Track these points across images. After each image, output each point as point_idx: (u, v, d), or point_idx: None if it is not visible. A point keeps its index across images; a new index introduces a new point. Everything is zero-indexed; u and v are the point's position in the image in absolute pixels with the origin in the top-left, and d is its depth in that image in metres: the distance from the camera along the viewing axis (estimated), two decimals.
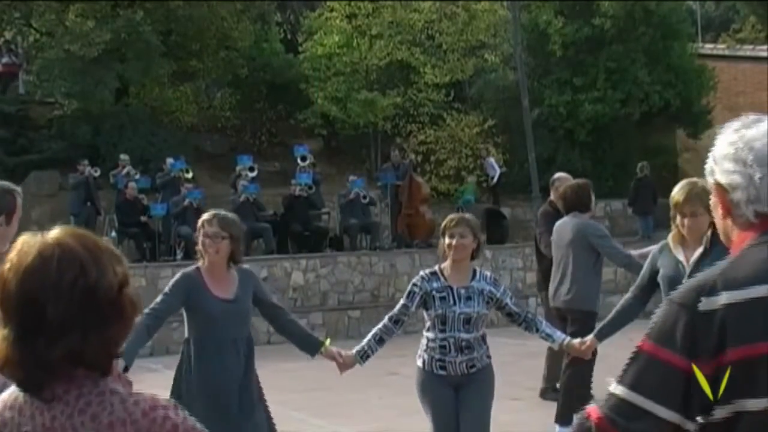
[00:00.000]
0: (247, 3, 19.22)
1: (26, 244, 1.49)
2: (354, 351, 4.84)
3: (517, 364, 9.76)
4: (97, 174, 15.35)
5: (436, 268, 4.85)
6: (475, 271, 4.83)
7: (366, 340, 4.88)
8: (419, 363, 4.84)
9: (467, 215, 5.04)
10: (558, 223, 7.23)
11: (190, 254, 14.28)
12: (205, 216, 4.68)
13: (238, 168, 15.90)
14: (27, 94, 19.12)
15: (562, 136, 19.70)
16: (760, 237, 1.65)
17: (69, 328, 1.44)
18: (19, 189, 4.13)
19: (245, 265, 4.91)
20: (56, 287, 1.44)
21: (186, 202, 14.39)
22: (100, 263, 1.49)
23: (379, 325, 4.89)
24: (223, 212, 4.73)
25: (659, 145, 20.70)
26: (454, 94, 19.86)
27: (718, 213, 1.74)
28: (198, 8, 18.04)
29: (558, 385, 7.66)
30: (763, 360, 1.54)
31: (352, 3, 19.16)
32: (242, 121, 20.22)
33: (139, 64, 17.23)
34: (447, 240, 4.75)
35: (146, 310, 4.62)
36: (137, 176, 15.44)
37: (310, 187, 15.70)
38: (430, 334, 4.77)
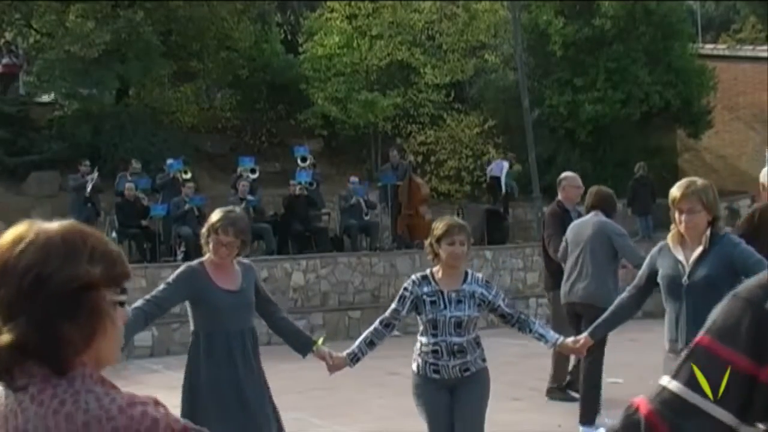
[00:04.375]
0: (247, 3, 19.23)
1: (18, 227, 1.49)
2: (344, 353, 4.84)
3: (519, 365, 9.76)
4: (96, 179, 15.16)
5: (428, 272, 4.79)
6: (467, 274, 4.78)
7: (357, 343, 4.86)
8: (414, 367, 4.82)
9: (462, 221, 4.99)
10: (578, 221, 7.20)
11: (190, 254, 14.28)
12: (217, 221, 4.61)
13: (239, 169, 15.91)
14: (27, 94, 19.12)
15: (562, 137, 19.71)
16: None
17: (15, 315, 1.40)
18: None
19: (245, 260, 4.96)
20: (10, 272, 1.42)
21: (186, 207, 14.41)
22: (70, 258, 1.43)
23: (370, 329, 4.87)
24: (233, 214, 4.70)
25: (659, 146, 20.70)
26: (455, 94, 19.87)
27: None
28: (198, 9, 18.05)
29: (565, 384, 7.70)
30: None
31: (353, 3, 19.16)
32: (242, 122, 20.23)
33: (140, 64, 17.23)
34: (448, 247, 4.66)
35: (146, 297, 4.68)
36: (142, 180, 15.44)
37: (311, 184, 15.71)
38: (423, 339, 4.75)
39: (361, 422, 7.91)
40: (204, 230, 4.70)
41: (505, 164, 18.40)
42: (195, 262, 4.81)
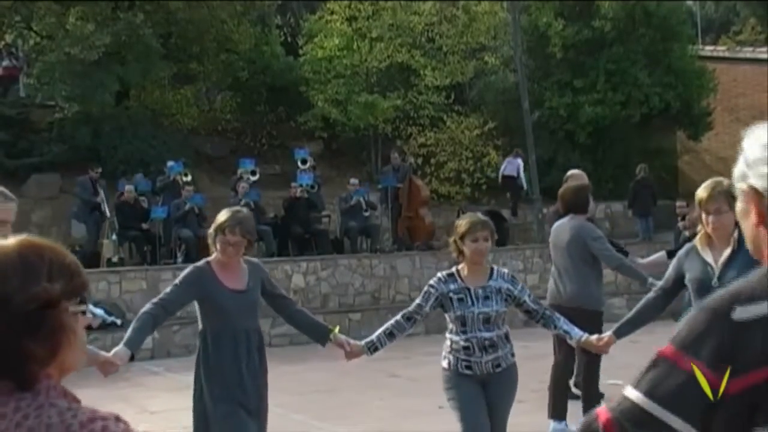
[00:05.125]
0: (247, 5, 19.23)
1: None
2: (363, 342, 4.90)
3: (521, 366, 9.70)
4: (104, 197, 15.11)
5: (454, 269, 4.85)
6: (492, 270, 4.85)
7: (377, 333, 4.92)
8: (444, 364, 4.86)
9: (484, 217, 5.02)
10: (556, 224, 7.26)
11: (190, 257, 14.29)
12: (225, 221, 4.66)
13: (239, 171, 15.91)
14: (28, 97, 19.13)
15: (562, 138, 19.71)
16: None
17: None
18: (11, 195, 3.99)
19: (253, 258, 5.00)
20: None
21: (187, 207, 14.40)
22: (29, 276, 1.45)
23: (392, 321, 4.92)
24: (240, 214, 4.76)
25: (659, 147, 20.70)
26: (455, 96, 19.87)
27: (750, 221, 1.58)
28: (198, 11, 18.06)
29: (572, 383, 7.72)
30: None
31: (353, 5, 19.18)
32: (243, 124, 20.24)
33: (140, 66, 17.24)
34: (471, 244, 4.72)
35: (154, 300, 4.74)
36: (142, 182, 15.42)
37: (312, 187, 15.72)
38: (454, 336, 4.81)
39: (362, 424, 7.91)
40: (211, 230, 4.75)
41: (520, 161, 18.38)
42: (202, 261, 4.85)
